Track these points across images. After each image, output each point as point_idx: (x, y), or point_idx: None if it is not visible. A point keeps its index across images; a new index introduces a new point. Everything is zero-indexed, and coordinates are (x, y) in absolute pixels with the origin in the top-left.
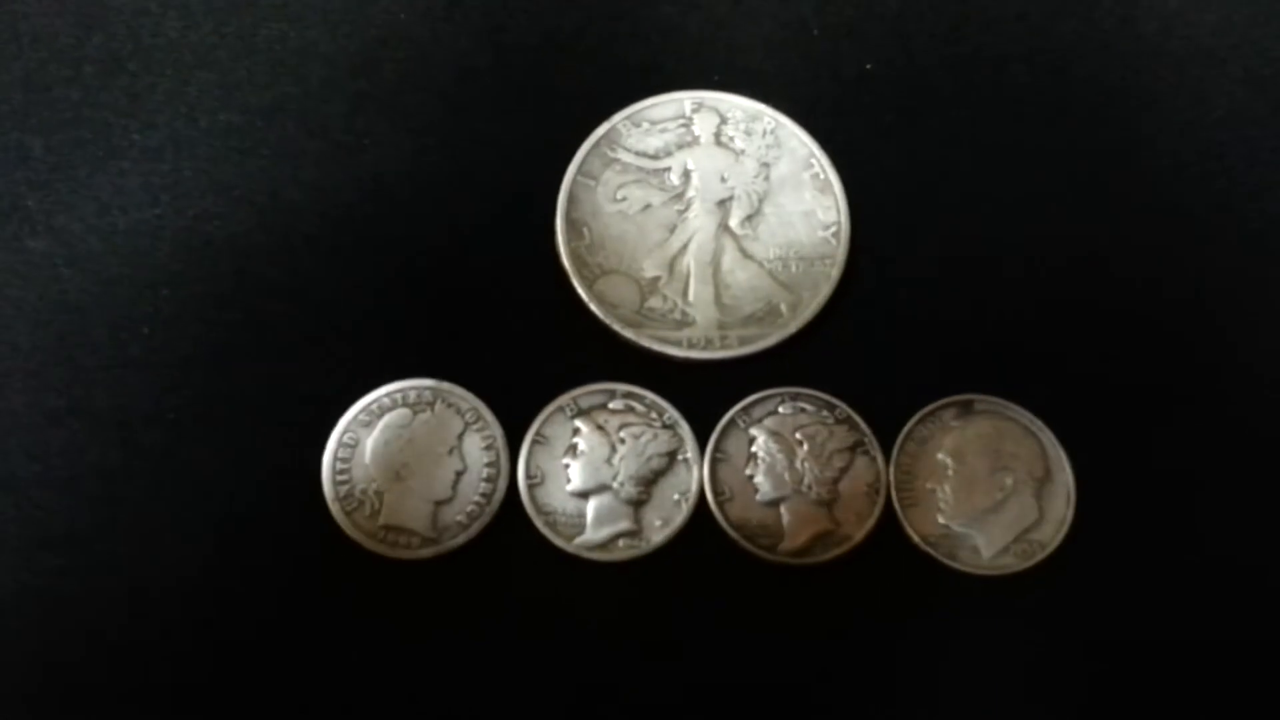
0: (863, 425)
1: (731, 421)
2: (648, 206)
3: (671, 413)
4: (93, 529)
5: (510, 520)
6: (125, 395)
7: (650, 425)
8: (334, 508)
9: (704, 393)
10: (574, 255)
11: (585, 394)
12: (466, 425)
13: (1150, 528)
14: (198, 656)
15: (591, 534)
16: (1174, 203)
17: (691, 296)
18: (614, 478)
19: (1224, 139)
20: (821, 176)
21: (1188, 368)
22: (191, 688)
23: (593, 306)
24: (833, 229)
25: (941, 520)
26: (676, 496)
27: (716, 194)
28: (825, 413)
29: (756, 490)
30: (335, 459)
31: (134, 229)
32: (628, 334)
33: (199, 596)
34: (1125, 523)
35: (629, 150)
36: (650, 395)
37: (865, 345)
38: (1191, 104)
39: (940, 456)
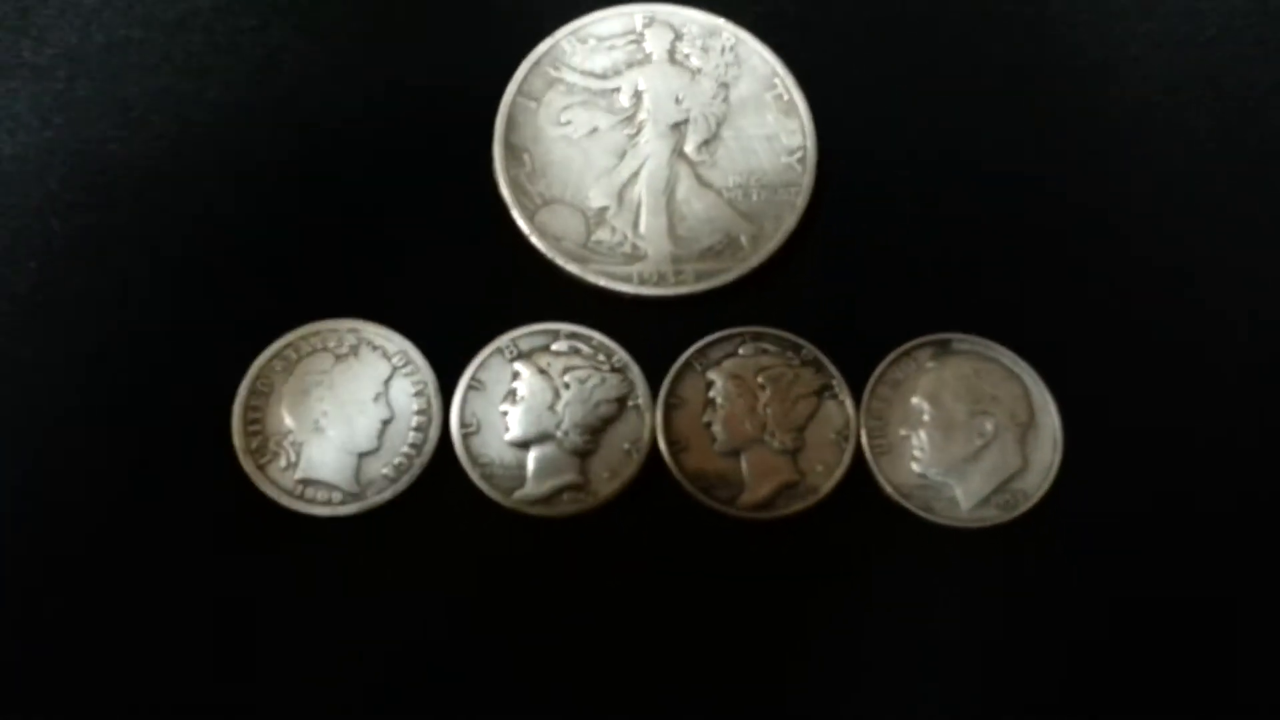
0: (830, 367)
1: (687, 364)
2: (594, 130)
3: (621, 355)
4: None
5: (442, 473)
6: (11, 337)
7: (598, 368)
8: (245, 460)
9: (656, 333)
10: (513, 184)
11: (526, 335)
12: (394, 370)
13: (1141, 476)
14: (99, 619)
15: (532, 487)
16: (1165, 127)
17: (643, 228)
18: (557, 426)
19: (1219, 59)
20: (785, 98)
21: (1183, 305)
22: (94, 648)
23: (534, 239)
24: (798, 154)
25: (916, 469)
26: (626, 446)
27: (670, 117)
28: (790, 354)
29: (714, 439)
30: (246, 407)
31: (21, 154)
32: (572, 269)
33: (95, 559)
34: (1115, 471)
35: (574, 69)
36: (598, 336)
37: (833, 281)
38: (1182, 21)
39: (915, 400)
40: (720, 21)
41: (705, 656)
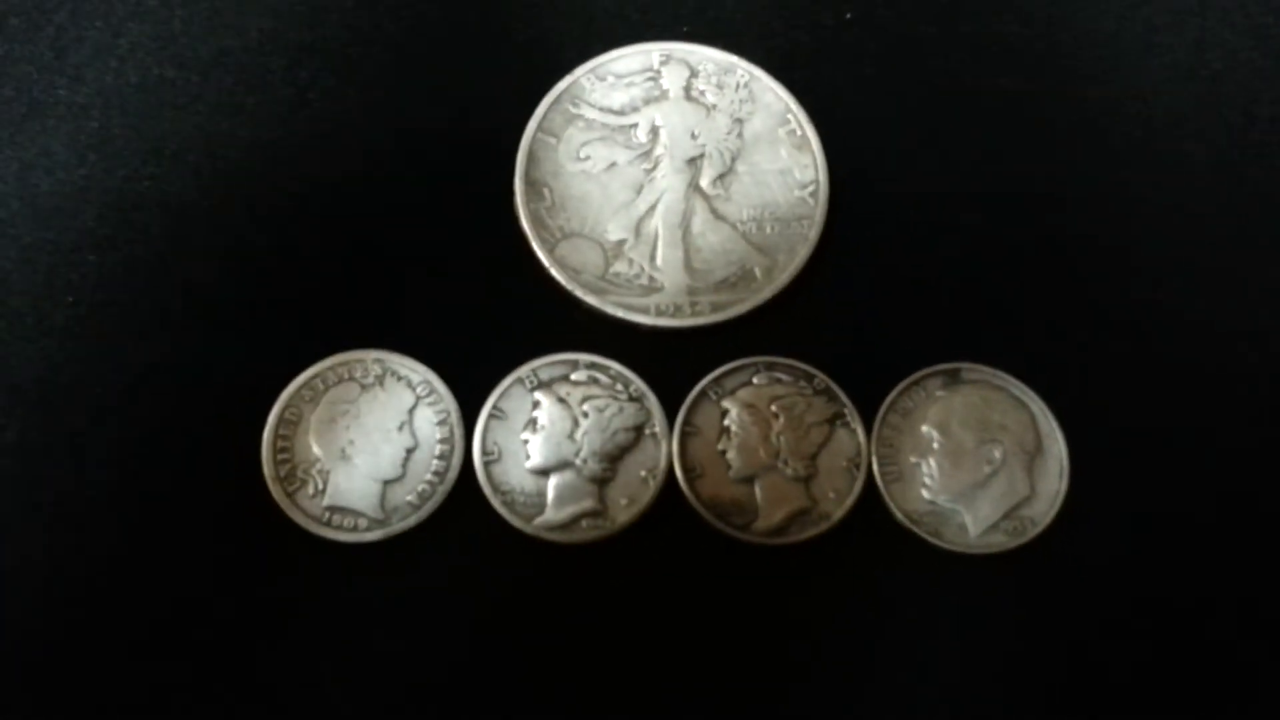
0: (842, 396)
1: (702, 393)
2: (613, 165)
3: (638, 384)
4: (14, 508)
5: (465, 500)
6: (48, 369)
7: (615, 398)
8: (274, 488)
9: (673, 363)
10: (534, 217)
11: (546, 365)
12: (418, 399)
13: (1147, 504)
14: (129, 642)
15: (552, 514)
16: (1171, 159)
17: (659, 261)
18: (576, 454)
19: (1223, 91)
20: (798, 133)
21: (1187, 336)
22: (124, 673)
23: (554, 272)
24: (810, 188)
25: (926, 496)
26: (643, 473)
27: (686, 152)
28: (802, 383)
29: (729, 466)
30: (276, 436)
31: (58, 190)
32: (591, 301)
33: (129, 582)
34: (1121, 498)
35: (593, 105)
36: (615, 366)
37: (845, 311)
38: (1188, 55)
39: (925, 429)
40: (735, 59)
41: (719, 678)
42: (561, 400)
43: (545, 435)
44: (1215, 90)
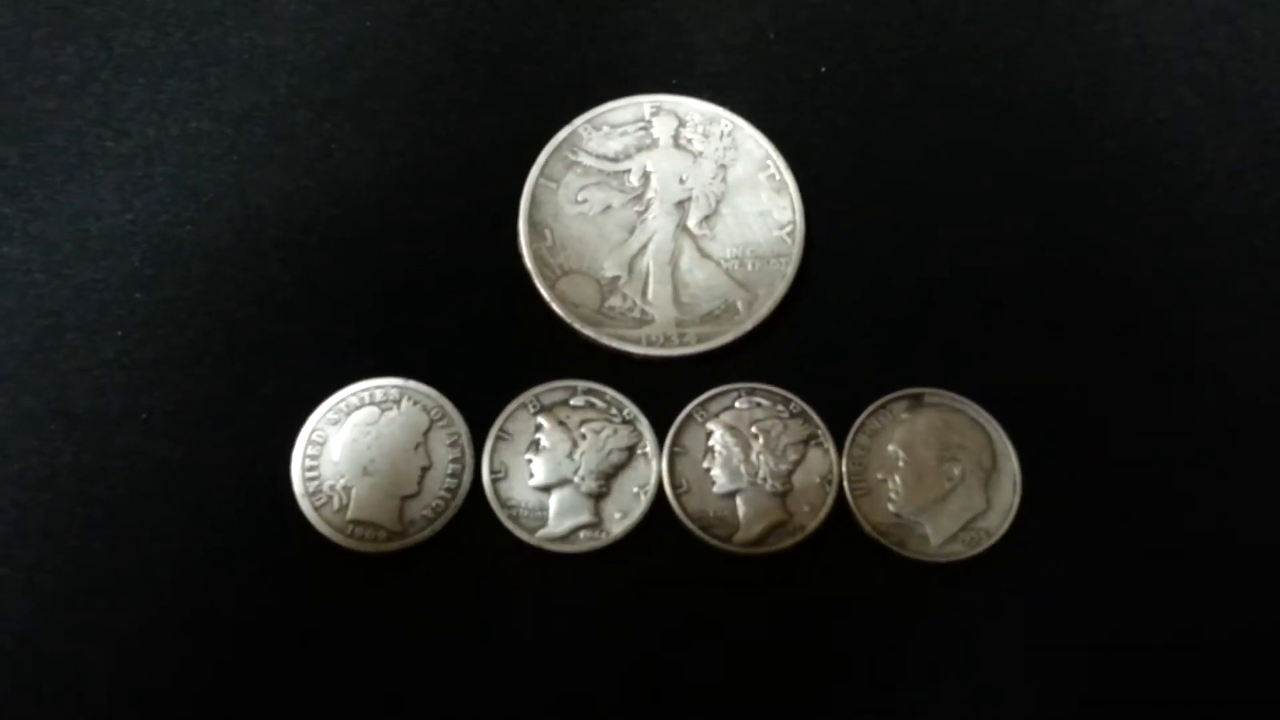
0: (816, 419)
1: (689, 416)
2: (608, 208)
3: (631, 408)
4: (69, 526)
5: (475, 514)
6: (100, 396)
7: (610, 421)
8: (303, 503)
9: (662, 389)
10: (536, 256)
11: (547, 391)
12: (432, 422)
13: (1093, 516)
14: (171, 646)
15: (553, 526)
16: (1119, 199)
17: (650, 295)
18: (575, 472)
19: (1168, 137)
20: (777, 177)
21: (1129, 360)
22: (164, 677)
23: (554, 306)
24: (788, 228)
25: (892, 510)
26: (636, 489)
27: (675, 195)
28: (780, 407)
29: (713, 483)
30: (304, 456)
31: (107, 234)
32: (588, 332)
33: (172, 588)
34: (1069, 512)
35: (590, 153)
36: (610, 392)
37: (819, 341)
38: (1137, 103)
39: (891, 448)
40: (719, 110)
41: (703, 674)
42: (562, 423)
43: (547, 455)
44: (1160, 136)
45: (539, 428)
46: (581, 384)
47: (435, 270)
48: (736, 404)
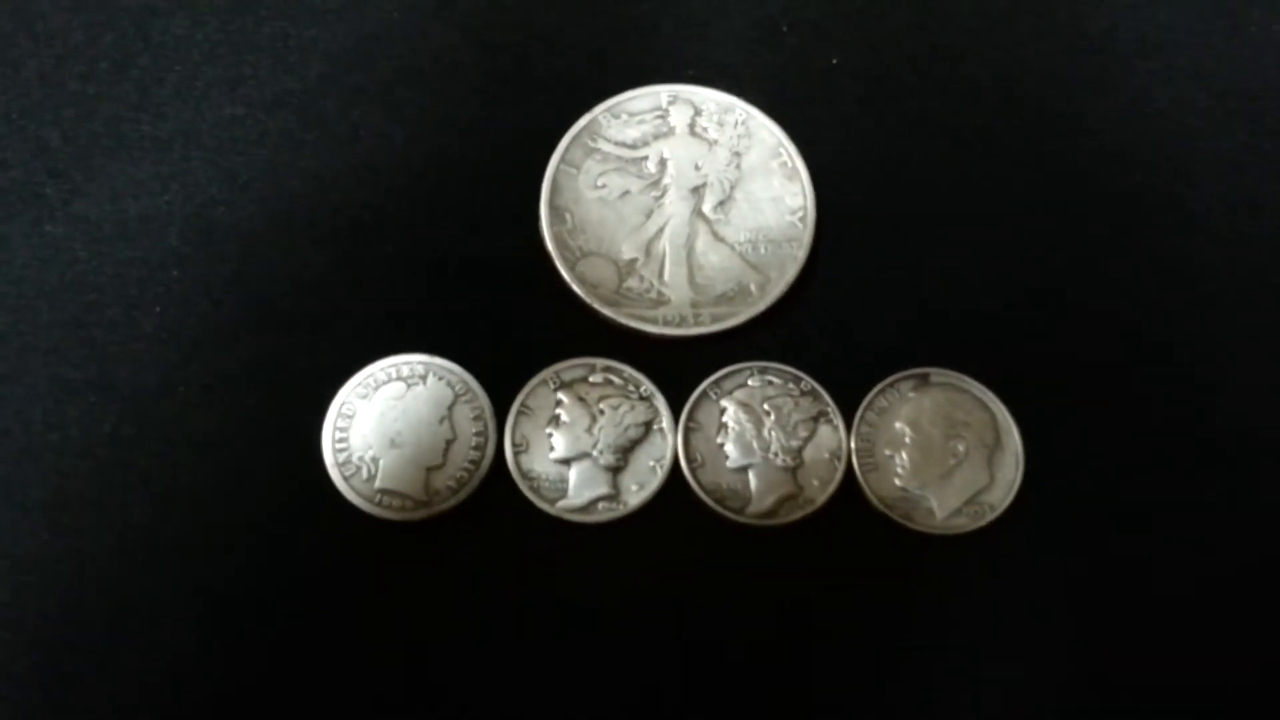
0: (826, 396)
1: (703, 393)
2: (626, 193)
3: (648, 385)
4: (109, 493)
5: (497, 485)
6: (139, 369)
7: (628, 397)
8: (333, 473)
9: (678, 367)
10: (557, 239)
11: (567, 368)
12: (456, 397)
13: (1092, 491)
14: (207, 609)
15: (573, 498)
16: (1120, 189)
17: (667, 277)
18: (594, 446)
19: (1167, 129)
20: (789, 165)
21: (1128, 343)
22: (199, 640)
23: (574, 287)
24: (799, 213)
25: (899, 484)
26: (652, 463)
27: (691, 181)
28: (791, 385)
29: (726, 457)
30: (334, 428)
31: (145, 215)
32: (607, 312)
33: (206, 553)
34: (1069, 487)
35: (609, 140)
36: (628, 369)
37: (829, 322)
38: (1137, 96)
39: (898, 425)
40: (734, 99)
41: (714, 639)
42: (581, 399)
43: (566, 430)
44: (1161, 125)
45: (559, 403)
46: (600, 361)
47: (460, 252)
48: (749, 382)
